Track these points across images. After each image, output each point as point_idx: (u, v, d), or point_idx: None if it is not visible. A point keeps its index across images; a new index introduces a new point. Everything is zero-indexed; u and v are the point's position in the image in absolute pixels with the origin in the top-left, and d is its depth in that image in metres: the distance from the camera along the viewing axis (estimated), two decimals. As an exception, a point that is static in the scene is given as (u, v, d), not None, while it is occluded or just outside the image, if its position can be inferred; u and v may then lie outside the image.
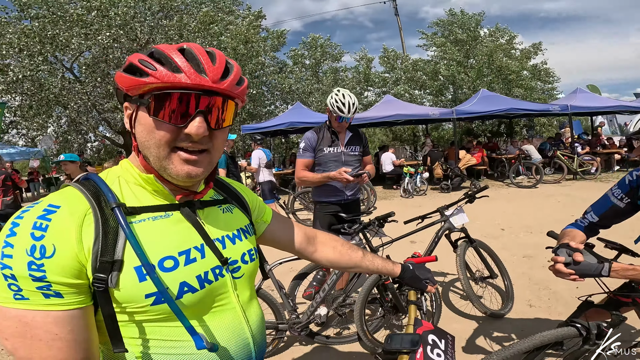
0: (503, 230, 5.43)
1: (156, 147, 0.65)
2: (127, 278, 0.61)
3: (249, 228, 0.86)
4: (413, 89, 18.40)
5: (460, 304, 3.10)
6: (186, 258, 0.67)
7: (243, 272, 0.78)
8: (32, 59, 9.59)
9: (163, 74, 0.61)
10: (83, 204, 0.62)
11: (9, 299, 0.55)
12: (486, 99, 11.36)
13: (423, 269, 1.15)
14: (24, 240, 0.56)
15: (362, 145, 2.85)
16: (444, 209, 2.84)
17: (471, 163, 10.37)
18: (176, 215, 0.70)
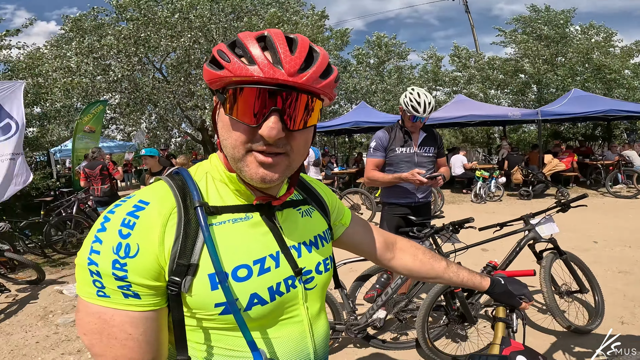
0: (596, 243, 5.01)
1: (232, 147, 0.61)
2: (200, 285, 0.59)
3: (326, 234, 0.80)
4: (489, 88, 17.12)
5: (537, 317, 2.91)
6: (260, 267, 0.64)
7: (316, 283, 0.73)
8: (129, 60, 10.78)
9: (236, 66, 0.56)
10: (170, 201, 0.61)
11: (92, 295, 0.56)
12: (578, 99, 10.18)
13: (517, 283, 1.02)
14: (111, 237, 0.56)
15: (436, 146, 2.72)
16: (530, 217, 2.61)
17: (559, 169, 9.33)
18: (256, 218, 0.67)
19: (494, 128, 17.39)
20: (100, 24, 11.08)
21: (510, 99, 17.21)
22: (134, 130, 14.37)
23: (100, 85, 10.95)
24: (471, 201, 8.76)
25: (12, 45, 8.15)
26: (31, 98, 8.57)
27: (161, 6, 11.44)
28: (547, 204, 7.89)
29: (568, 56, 15.46)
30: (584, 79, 15.00)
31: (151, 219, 0.58)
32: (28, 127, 9.31)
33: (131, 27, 10.52)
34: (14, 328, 3.37)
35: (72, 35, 11.13)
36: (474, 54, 18.68)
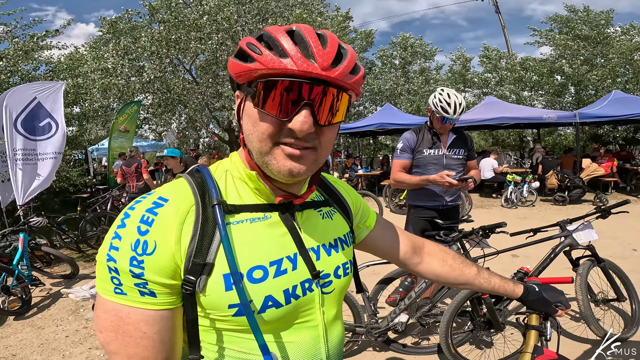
0: (635, 251, 4.79)
1: (259, 140, 0.60)
2: (215, 285, 0.58)
3: (347, 237, 0.78)
4: (522, 89, 16.46)
5: (570, 325, 2.82)
6: (277, 269, 0.62)
7: (334, 288, 0.71)
8: (161, 61, 11.18)
9: (268, 59, 0.55)
10: (189, 199, 0.60)
11: (109, 292, 0.56)
12: (619, 101, 9.63)
13: (553, 290, 0.98)
14: (130, 234, 0.56)
15: (467, 148, 2.63)
16: (567, 223, 2.52)
17: (597, 174, 8.85)
18: (274, 218, 0.66)
19: (527, 131, 16.70)
20: (134, 26, 11.51)
21: (545, 101, 16.48)
22: (165, 130, 14.89)
23: (134, 86, 11.42)
24: (501, 206, 8.48)
25: (52, 45, 8.56)
26: (71, 98, 9.06)
27: (191, 8, 11.80)
28: (583, 210, 7.53)
29: (609, 57, 14.66)
30: (625, 81, 14.20)
31: (169, 217, 0.58)
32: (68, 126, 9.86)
33: (162, 29, 10.89)
34: (46, 322, 3.51)
35: (109, 37, 11.65)
36: (505, 54, 18.05)
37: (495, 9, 20.84)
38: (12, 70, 7.75)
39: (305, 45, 0.56)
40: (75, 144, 9.20)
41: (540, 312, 0.98)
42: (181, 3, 11.75)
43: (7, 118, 5.24)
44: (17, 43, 7.97)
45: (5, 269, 3.66)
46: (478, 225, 2.46)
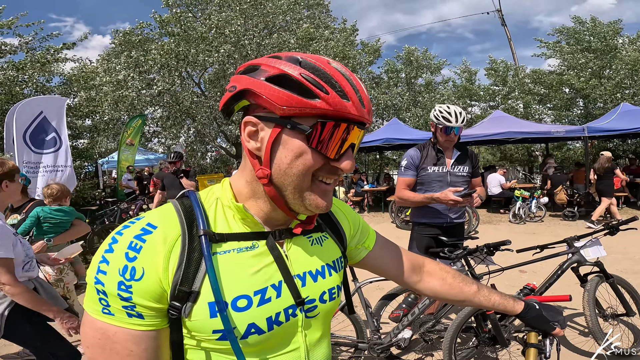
0: None
1: (301, 175, 0.61)
2: (200, 311, 0.60)
3: (337, 263, 0.78)
4: (531, 103, 16.35)
5: (578, 340, 2.77)
6: (261, 298, 0.64)
7: (318, 312, 0.72)
8: (171, 74, 11.39)
9: (336, 100, 0.57)
10: (176, 228, 0.62)
11: (98, 312, 0.58)
12: (628, 114, 9.51)
13: (552, 309, 0.99)
14: (118, 259, 0.58)
15: (471, 165, 2.62)
16: (574, 239, 2.50)
17: (607, 189, 8.66)
18: (261, 247, 0.67)
19: (535, 145, 16.55)
20: (145, 38, 11.76)
21: (553, 114, 16.36)
22: (173, 143, 15.10)
23: (144, 98, 11.61)
24: (509, 221, 8.35)
25: (67, 58, 8.76)
26: (84, 110, 9.25)
27: (199, 22, 12.07)
28: (593, 225, 7.38)
29: (615, 68, 14.53)
30: (633, 93, 14.04)
31: (157, 245, 0.59)
32: (79, 139, 10.05)
33: (172, 42, 11.11)
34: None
35: (121, 49, 11.88)
36: (512, 66, 18.01)
37: (502, 21, 20.93)
38: (27, 81, 7.95)
39: (356, 90, 0.60)
40: (86, 156, 9.35)
41: (538, 329, 0.99)
42: (190, 17, 12.03)
43: (18, 130, 5.38)
44: (33, 55, 8.16)
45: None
46: (483, 242, 2.44)
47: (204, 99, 12.49)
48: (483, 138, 10.03)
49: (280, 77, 0.59)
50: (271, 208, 0.67)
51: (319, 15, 14.23)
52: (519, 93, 16.47)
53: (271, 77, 0.59)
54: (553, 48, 16.48)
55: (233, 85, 0.63)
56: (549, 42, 16.71)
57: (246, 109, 0.65)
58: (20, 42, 8.31)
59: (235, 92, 0.62)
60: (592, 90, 14.24)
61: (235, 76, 0.64)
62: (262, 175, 0.63)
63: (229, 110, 0.66)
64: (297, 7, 12.92)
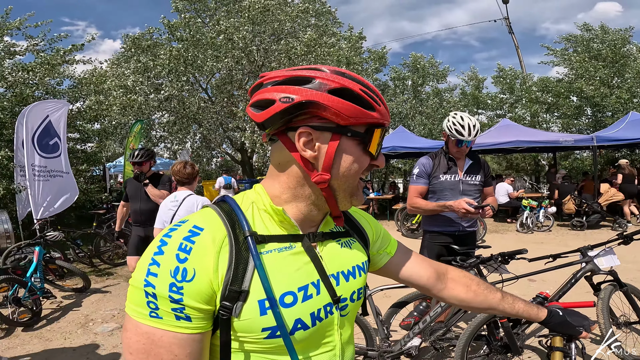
0: None
1: (356, 176, 0.69)
2: (250, 310, 0.61)
3: (364, 265, 0.82)
4: (538, 111, 16.25)
5: (591, 347, 2.73)
6: (304, 294, 0.67)
7: (349, 311, 0.76)
8: (178, 79, 11.49)
9: (382, 111, 0.67)
10: (222, 230, 0.63)
11: (144, 316, 0.58)
12: (637, 122, 9.47)
13: (577, 315, 1.00)
14: (169, 261, 0.58)
15: (483, 174, 2.61)
16: (588, 249, 2.49)
17: (617, 198, 8.60)
18: (298, 248, 0.70)
19: (542, 154, 16.45)
20: (154, 43, 11.88)
21: (561, 123, 16.25)
22: (180, 149, 15.20)
23: (152, 103, 11.70)
24: (516, 231, 8.30)
25: (76, 60, 8.80)
26: (92, 114, 9.34)
27: (208, 27, 12.18)
28: (602, 235, 7.30)
29: (625, 77, 14.42)
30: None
31: (206, 245, 0.61)
32: (88, 142, 10.15)
33: (181, 47, 11.21)
34: (54, 334, 3.51)
35: (130, 54, 12.03)
36: (520, 74, 17.89)
37: (509, 29, 20.89)
38: (38, 83, 8.03)
39: (380, 99, 0.68)
40: (94, 160, 9.42)
41: (563, 334, 1.00)
42: (199, 22, 12.14)
43: (27, 133, 5.44)
44: (42, 57, 8.24)
45: (18, 281, 3.70)
46: (494, 250, 2.43)
47: (210, 105, 12.58)
48: (490, 147, 9.99)
49: (342, 91, 0.63)
50: (309, 210, 0.71)
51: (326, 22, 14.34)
52: (527, 101, 16.38)
53: (333, 90, 0.63)
54: (561, 55, 16.39)
55: (287, 96, 0.62)
56: (556, 49, 16.64)
57: (288, 120, 0.64)
58: (29, 44, 8.40)
59: (293, 103, 0.62)
60: (602, 99, 14.12)
61: (285, 87, 0.63)
62: (321, 180, 0.67)
63: (283, 120, 0.64)
64: (305, 14, 13.05)
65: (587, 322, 0.99)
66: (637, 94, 14.08)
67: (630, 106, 13.20)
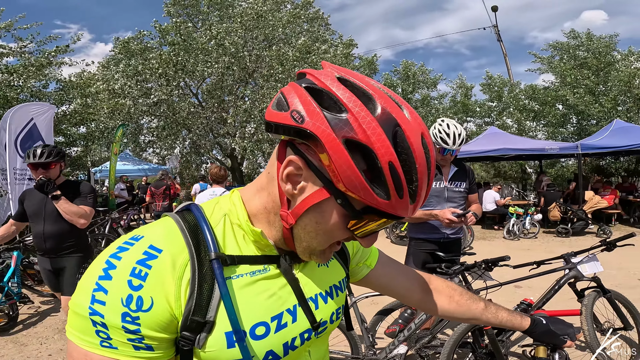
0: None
1: (322, 244, 0.59)
2: (216, 342, 0.55)
3: (342, 283, 0.77)
4: (525, 119, 16.51)
5: (575, 354, 2.76)
6: (277, 324, 0.60)
7: (326, 331, 0.71)
8: (169, 84, 11.38)
9: (401, 205, 0.56)
10: (183, 251, 0.55)
11: (95, 345, 0.51)
12: (621, 130, 9.66)
13: (561, 323, 0.98)
14: (120, 288, 0.51)
15: (467, 181, 2.64)
16: (571, 255, 2.53)
17: (601, 206, 8.80)
18: (273, 271, 0.62)
19: (529, 162, 16.70)
20: (145, 47, 11.78)
21: (547, 131, 16.53)
22: (168, 154, 15.03)
23: (141, 108, 11.57)
24: (503, 238, 8.39)
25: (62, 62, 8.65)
26: (78, 118, 9.17)
27: (199, 32, 12.14)
28: (587, 241, 7.42)
29: (609, 85, 14.71)
30: (627, 109, 14.18)
31: (165, 271, 0.53)
32: (73, 147, 9.96)
33: (171, 51, 11.14)
34: (30, 339, 3.43)
35: (120, 57, 11.91)
36: (508, 82, 18.12)
37: (497, 37, 21.28)
38: (22, 86, 7.87)
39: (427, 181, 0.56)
40: (79, 164, 9.24)
41: (547, 343, 0.98)
42: (190, 26, 12.10)
43: (10, 136, 5.32)
44: (28, 58, 8.10)
45: (-6, 287, 3.59)
46: (478, 257, 2.46)
47: (200, 110, 12.50)
48: (478, 154, 10.12)
49: (363, 149, 0.48)
50: (283, 236, 0.62)
51: (318, 28, 14.41)
52: (514, 109, 16.63)
53: (353, 143, 0.48)
54: (548, 63, 16.56)
55: (300, 114, 0.50)
56: (543, 57, 16.84)
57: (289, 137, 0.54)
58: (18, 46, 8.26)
59: (298, 126, 0.50)
60: (587, 107, 14.39)
61: (311, 100, 0.50)
62: (284, 219, 0.57)
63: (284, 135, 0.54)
64: (297, 20, 13.10)
65: (572, 331, 0.97)
66: (620, 102, 14.38)
67: (614, 114, 13.49)
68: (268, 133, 0.56)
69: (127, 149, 15.38)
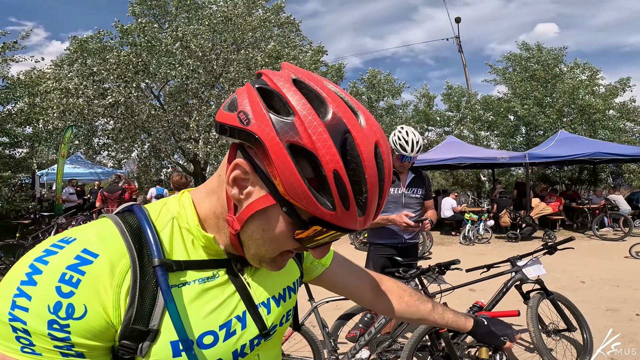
0: (583, 283, 5.20)
1: (270, 253, 0.57)
2: (161, 351, 0.52)
3: (296, 284, 0.75)
4: (479, 129, 17.39)
5: (525, 356, 2.89)
6: (226, 332, 0.58)
7: (276, 334, 0.70)
8: (127, 85, 10.89)
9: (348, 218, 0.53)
10: (124, 256, 0.51)
11: (15, 351, 0.47)
12: (565, 141, 10.41)
13: (501, 324, 1.01)
14: (46, 294, 0.46)
15: (424, 188, 2.73)
16: (517, 259, 2.67)
17: (546, 212, 9.48)
18: (222, 277, 0.60)
19: (483, 171, 17.60)
20: (104, 46, 11.30)
21: (499, 141, 17.34)
22: (125, 157, 14.30)
23: (96, 109, 10.98)
24: (460, 243, 8.77)
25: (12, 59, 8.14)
26: (23, 117, 8.54)
27: (165, 33, 11.77)
28: (534, 246, 7.79)
29: (555, 96, 15.47)
30: (571, 120, 15.00)
31: (101, 278, 0.49)
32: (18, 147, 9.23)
33: (131, 52, 10.70)
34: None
35: (76, 56, 11.31)
36: (466, 92, 18.84)
37: (459, 47, 22.20)
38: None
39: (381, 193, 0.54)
40: (23, 167, 8.58)
41: (489, 345, 1.01)
42: (156, 27, 11.71)
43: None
44: None
45: None
46: (436, 262, 2.53)
47: (162, 113, 12.05)
48: (436, 163, 10.53)
49: (308, 154, 0.46)
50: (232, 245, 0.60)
51: (288, 34, 14.41)
52: (470, 119, 17.43)
53: (298, 148, 0.46)
54: (502, 74, 17.37)
55: (247, 116, 0.48)
56: (498, 67, 17.70)
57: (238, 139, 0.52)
58: None
59: (243, 128, 0.48)
60: (534, 118, 15.28)
61: (259, 101, 0.48)
62: (230, 225, 0.55)
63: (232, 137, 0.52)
64: (268, 24, 13.04)
65: (511, 332, 1.00)
66: (566, 113, 15.44)
67: (559, 125, 14.45)
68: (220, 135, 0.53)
69: (79, 152, 14.48)
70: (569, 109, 15.25)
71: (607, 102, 14.93)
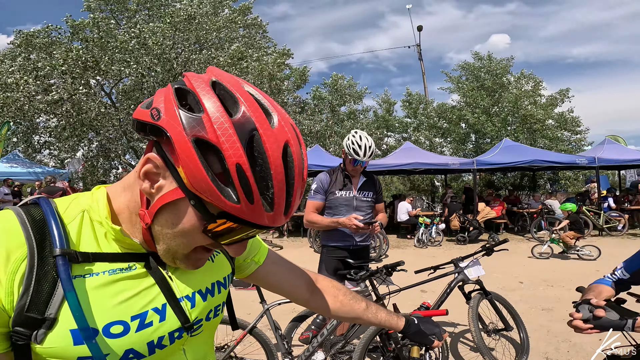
0: (521, 284, 5.39)
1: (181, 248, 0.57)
2: (59, 339, 0.52)
3: (227, 279, 0.75)
4: (434, 136, 18.08)
5: (470, 356, 2.99)
6: (140, 322, 0.58)
7: (203, 329, 0.69)
8: (74, 81, 10.19)
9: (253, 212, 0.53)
10: (21, 245, 0.52)
11: None
12: (508, 149, 11.17)
13: (430, 323, 1.05)
14: None
15: (375, 191, 2.80)
16: (459, 260, 2.80)
17: (490, 216, 10.13)
18: (139, 269, 0.60)
19: (437, 176, 18.32)
20: (52, 42, 10.57)
21: (452, 148, 18.13)
22: (69, 157, 13.33)
23: (38, 105, 10.17)
24: (414, 246, 9.06)
25: None
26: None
27: (122, 29, 11.19)
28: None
29: (501, 105, 16.39)
30: (514, 129, 16.04)
31: None
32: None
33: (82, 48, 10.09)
34: None
35: (19, 50, 10.52)
36: (424, 99, 19.49)
37: (419, 55, 22.85)
38: None
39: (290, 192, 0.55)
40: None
41: (419, 343, 1.05)
42: (112, 23, 11.10)
43: None
44: None
45: None
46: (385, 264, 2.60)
47: (113, 111, 11.40)
48: (393, 168, 10.89)
49: (214, 149, 0.48)
50: (145, 240, 0.60)
51: (254, 35, 14.19)
52: (426, 126, 18.12)
53: (202, 142, 0.48)
54: (456, 83, 18.15)
55: (159, 112, 0.50)
56: (452, 76, 18.51)
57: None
58: None
59: (152, 123, 0.50)
60: (482, 126, 16.09)
61: (172, 99, 0.50)
62: (142, 218, 0.56)
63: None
64: (233, 25, 12.76)
65: (438, 330, 1.03)
66: (510, 121, 16.49)
67: (503, 133, 15.41)
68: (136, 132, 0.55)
69: (17, 150, 13.29)
70: (513, 118, 16.28)
71: (547, 112, 16.15)
